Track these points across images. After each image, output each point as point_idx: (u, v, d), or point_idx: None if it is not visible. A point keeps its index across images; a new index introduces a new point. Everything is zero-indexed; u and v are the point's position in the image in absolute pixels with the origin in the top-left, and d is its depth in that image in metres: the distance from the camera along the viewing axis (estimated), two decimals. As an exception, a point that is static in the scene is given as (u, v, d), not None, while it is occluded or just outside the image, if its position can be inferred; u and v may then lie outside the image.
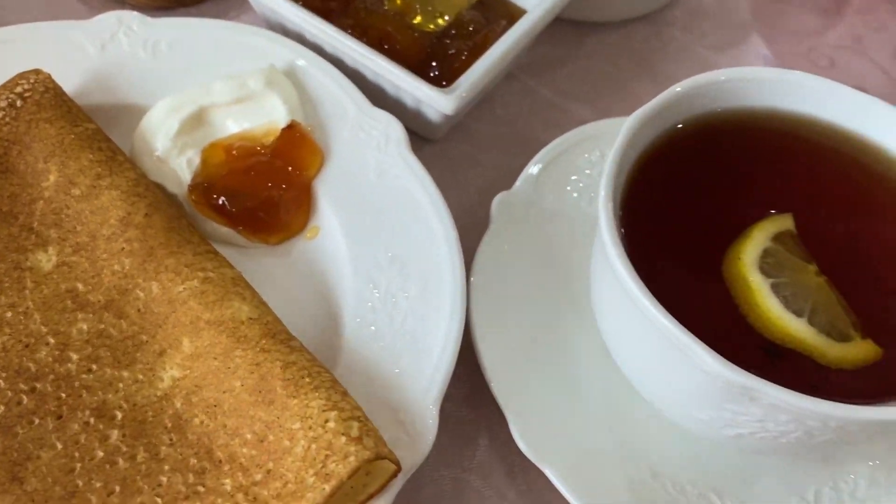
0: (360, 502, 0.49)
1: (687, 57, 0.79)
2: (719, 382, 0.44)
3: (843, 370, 0.49)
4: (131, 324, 0.56)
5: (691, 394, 0.48)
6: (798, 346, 0.48)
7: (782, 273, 0.49)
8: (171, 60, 0.66)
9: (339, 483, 0.46)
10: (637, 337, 0.50)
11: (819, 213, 0.52)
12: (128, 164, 0.61)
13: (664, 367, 0.49)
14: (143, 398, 0.53)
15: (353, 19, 0.68)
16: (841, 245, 0.52)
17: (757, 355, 0.49)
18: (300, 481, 0.48)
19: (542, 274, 0.61)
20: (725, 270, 0.50)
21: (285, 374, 0.51)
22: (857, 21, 0.85)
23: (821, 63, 0.81)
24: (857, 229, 0.52)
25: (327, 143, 0.63)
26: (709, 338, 0.48)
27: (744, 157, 0.54)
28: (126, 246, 0.57)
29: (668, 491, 0.54)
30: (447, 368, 0.54)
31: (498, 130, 0.73)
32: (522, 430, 0.54)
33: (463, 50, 0.66)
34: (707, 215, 0.53)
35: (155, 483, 0.50)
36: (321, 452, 0.48)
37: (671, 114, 0.52)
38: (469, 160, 0.71)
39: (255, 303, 0.55)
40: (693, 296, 0.51)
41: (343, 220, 0.61)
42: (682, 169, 0.53)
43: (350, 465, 0.47)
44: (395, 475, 0.49)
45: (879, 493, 0.55)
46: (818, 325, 0.48)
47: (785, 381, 0.45)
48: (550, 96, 0.76)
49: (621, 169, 0.51)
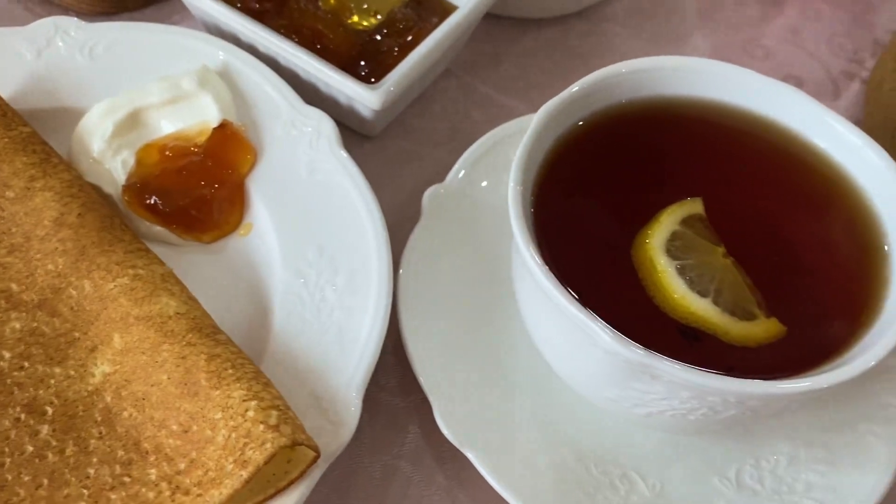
0: (280, 488, 0.50)
1: (624, 51, 0.81)
2: (620, 361, 0.46)
3: (760, 349, 0.50)
4: (64, 321, 0.57)
5: (599, 374, 0.49)
6: (702, 325, 0.49)
7: (689, 255, 0.50)
8: (109, 64, 0.68)
9: (255, 469, 0.48)
10: (548, 320, 0.51)
11: (728, 197, 0.54)
12: (63, 165, 0.62)
13: (574, 349, 0.50)
14: (74, 393, 0.54)
15: (288, 19, 0.69)
16: (749, 227, 0.53)
17: (674, 337, 0.50)
18: (220, 469, 0.49)
19: (471, 264, 0.62)
20: (634, 254, 0.51)
21: (209, 366, 0.52)
22: (794, 12, 0.86)
23: (757, 54, 0.83)
24: (766, 211, 0.54)
25: (260, 141, 0.65)
26: (625, 321, 0.49)
27: (654, 145, 0.55)
28: (59, 246, 0.58)
29: (592, 473, 0.56)
30: (371, 358, 0.55)
31: (436, 126, 0.74)
32: (447, 416, 0.55)
33: (394, 47, 0.67)
34: (619, 202, 0.54)
35: (83, 475, 0.51)
36: (240, 441, 0.49)
37: (579, 106, 0.53)
38: (407, 156, 0.72)
39: (183, 298, 0.57)
40: (606, 281, 0.52)
41: (274, 216, 0.62)
42: (594, 158, 0.54)
43: (266, 452, 0.48)
44: (314, 461, 0.50)
45: (799, 470, 0.56)
46: (723, 304, 0.49)
47: (700, 362, 0.47)
48: (488, 92, 0.77)
49: (532, 159, 0.52)
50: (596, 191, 0.54)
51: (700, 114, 0.55)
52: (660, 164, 0.55)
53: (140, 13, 0.78)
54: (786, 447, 0.58)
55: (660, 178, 0.55)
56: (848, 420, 0.58)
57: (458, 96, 0.76)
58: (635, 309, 0.50)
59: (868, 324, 0.49)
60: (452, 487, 0.58)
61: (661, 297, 0.50)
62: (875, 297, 0.50)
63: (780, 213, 0.54)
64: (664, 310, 0.49)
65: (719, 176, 0.54)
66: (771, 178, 0.54)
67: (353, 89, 0.63)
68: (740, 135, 0.55)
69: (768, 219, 0.54)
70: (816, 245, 0.53)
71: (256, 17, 0.68)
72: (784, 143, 0.54)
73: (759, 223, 0.54)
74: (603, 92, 0.54)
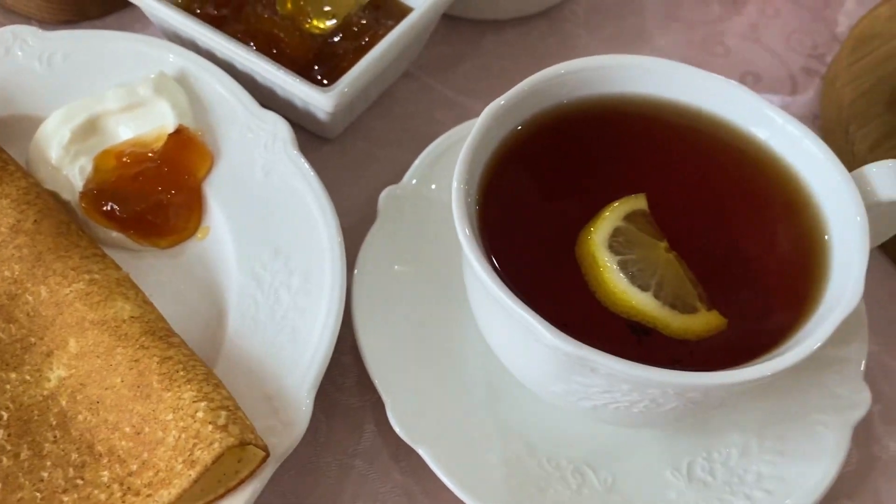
0: (231, 487, 0.51)
1: (582, 51, 0.81)
2: (560, 355, 0.46)
3: (707, 342, 0.51)
4: (20, 327, 0.57)
5: (544, 369, 0.50)
6: (644, 319, 0.50)
7: (632, 250, 0.51)
8: (67, 72, 0.68)
9: (203, 469, 0.48)
10: (494, 317, 0.52)
11: (672, 192, 0.54)
12: (20, 173, 0.63)
13: (519, 345, 0.51)
14: (29, 398, 0.55)
15: (245, 25, 0.70)
16: (693, 221, 0.54)
17: (622, 332, 0.51)
18: (170, 469, 0.49)
19: (426, 264, 0.63)
20: (577, 251, 0.52)
21: (161, 368, 0.53)
22: (753, 10, 0.87)
23: (716, 51, 0.84)
24: (709, 205, 0.54)
25: (217, 146, 0.65)
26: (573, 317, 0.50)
27: (599, 143, 0.56)
28: (16, 252, 0.59)
29: (544, 467, 0.56)
30: (323, 358, 0.55)
31: (395, 127, 0.75)
32: (399, 414, 0.55)
33: (349, 50, 0.68)
34: (564, 200, 0.55)
35: (36, 479, 0.52)
36: (189, 441, 0.50)
37: (524, 106, 0.54)
38: (366, 157, 0.73)
39: (138, 302, 0.57)
40: (553, 278, 0.53)
41: (231, 220, 0.62)
42: (540, 157, 0.55)
43: (214, 452, 0.48)
44: (264, 461, 0.51)
45: (750, 462, 0.57)
46: (663, 298, 0.50)
47: (647, 356, 0.47)
48: (448, 93, 0.78)
49: (478, 159, 0.52)
50: (542, 189, 0.55)
51: (644, 111, 0.55)
52: (605, 161, 0.56)
53: (101, 21, 0.78)
54: (738, 439, 0.58)
55: (605, 175, 0.55)
56: (800, 411, 0.59)
57: (418, 98, 0.77)
58: (583, 305, 0.51)
59: (809, 313, 0.50)
60: (408, 484, 0.58)
61: (603, 291, 0.50)
62: (816, 286, 0.51)
63: (723, 206, 0.55)
64: (606, 304, 0.50)
65: (663, 172, 0.55)
66: (714, 173, 0.55)
67: (306, 92, 0.64)
68: (684, 130, 0.55)
69: (712, 212, 0.54)
70: (759, 237, 0.53)
71: (215, 23, 0.68)
72: (727, 137, 0.55)
73: (703, 217, 0.54)
74: (547, 92, 0.54)
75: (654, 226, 0.52)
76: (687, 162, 0.55)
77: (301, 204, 0.62)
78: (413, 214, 0.65)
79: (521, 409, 0.58)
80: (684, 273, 0.51)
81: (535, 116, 0.55)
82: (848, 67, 0.75)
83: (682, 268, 0.51)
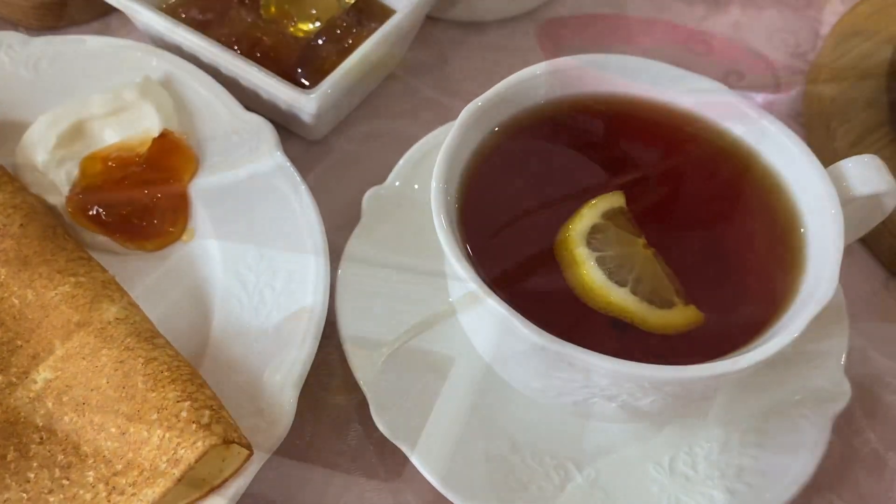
0: (215, 486, 0.51)
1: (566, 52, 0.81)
2: (538, 350, 0.47)
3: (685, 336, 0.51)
4: (7, 331, 0.58)
5: (523, 364, 0.50)
6: (622, 314, 0.50)
7: (609, 247, 0.52)
8: (53, 77, 0.69)
9: (187, 467, 0.49)
10: (474, 314, 0.52)
11: (650, 189, 0.55)
12: (6, 177, 0.63)
13: (499, 340, 0.51)
14: (15, 400, 0.55)
15: (229, 29, 0.70)
16: (670, 217, 0.55)
17: (603, 328, 0.51)
18: (154, 468, 0.50)
19: (410, 264, 0.63)
20: (556, 248, 0.52)
21: (146, 369, 0.54)
22: (737, 9, 0.88)
23: (698, 50, 0.84)
24: (687, 201, 0.55)
25: (202, 149, 0.66)
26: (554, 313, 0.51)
27: (577, 142, 0.56)
28: (2, 256, 0.59)
29: (527, 463, 0.57)
30: (306, 358, 0.56)
31: (381, 129, 0.75)
32: (383, 413, 0.56)
33: (332, 53, 0.69)
34: (544, 199, 0.55)
35: (23, 480, 0.52)
36: (173, 440, 0.50)
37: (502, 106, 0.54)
38: (351, 158, 0.73)
39: (123, 304, 0.58)
40: (533, 275, 0.53)
41: (216, 222, 0.63)
42: (518, 157, 0.56)
43: (198, 451, 0.49)
44: (248, 459, 0.51)
45: (732, 455, 0.57)
46: (641, 293, 0.50)
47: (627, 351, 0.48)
48: (433, 94, 0.78)
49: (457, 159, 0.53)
50: (522, 188, 0.56)
51: (621, 109, 0.56)
52: (583, 159, 0.56)
53: (87, 26, 0.79)
54: (720, 433, 0.58)
55: (583, 173, 0.56)
56: (781, 405, 0.59)
57: (402, 99, 0.78)
58: (563, 301, 0.52)
59: (785, 307, 0.51)
60: (394, 481, 0.59)
61: (581, 288, 0.51)
62: (792, 280, 0.51)
63: (700, 202, 0.55)
64: (584, 300, 0.51)
65: (641, 169, 0.56)
66: (691, 169, 0.56)
67: (290, 95, 0.64)
68: (661, 128, 0.56)
69: (689, 208, 0.55)
70: (736, 232, 0.54)
71: (200, 28, 0.69)
72: (703, 134, 0.56)
73: (681, 213, 0.55)
74: (524, 92, 0.55)
75: (632, 223, 0.53)
76: (664, 160, 0.56)
77: (285, 205, 0.62)
78: (397, 215, 0.65)
79: (505, 406, 0.58)
80: (662, 269, 0.52)
81: (513, 117, 0.56)
82: (830, 65, 0.76)
83: (659, 264, 0.52)
